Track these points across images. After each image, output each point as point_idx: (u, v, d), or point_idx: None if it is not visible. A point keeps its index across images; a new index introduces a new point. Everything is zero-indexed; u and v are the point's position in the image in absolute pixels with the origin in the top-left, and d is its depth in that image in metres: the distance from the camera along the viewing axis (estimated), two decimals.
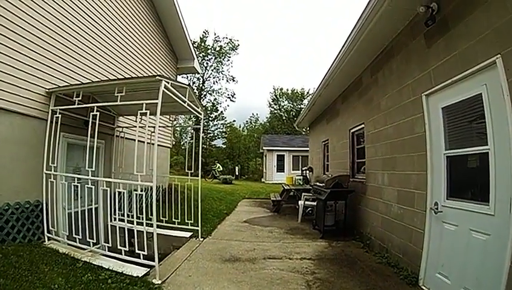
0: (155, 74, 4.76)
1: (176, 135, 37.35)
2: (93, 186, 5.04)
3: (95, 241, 5.02)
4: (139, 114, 4.72)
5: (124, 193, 5.23)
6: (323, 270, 4.76)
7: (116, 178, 6.98)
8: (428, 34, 4.20)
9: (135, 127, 5.47)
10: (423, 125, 4.27)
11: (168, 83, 4.81)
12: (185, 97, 5.57)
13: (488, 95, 3.16)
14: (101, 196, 5.19)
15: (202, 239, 6.47)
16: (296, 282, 4.31)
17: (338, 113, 9.23)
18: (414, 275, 4.22)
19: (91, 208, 5.32)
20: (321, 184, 7.85)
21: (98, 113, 4.93)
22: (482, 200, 3.20)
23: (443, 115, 3.91)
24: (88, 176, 4.93)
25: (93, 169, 4.99)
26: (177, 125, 14.09)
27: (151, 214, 6.72)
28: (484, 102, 3.20)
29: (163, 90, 4.61)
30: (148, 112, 4.56)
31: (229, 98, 43.17)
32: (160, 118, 8.51)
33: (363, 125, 6.91)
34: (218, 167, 27.26)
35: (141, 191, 4.68)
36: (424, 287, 4.00)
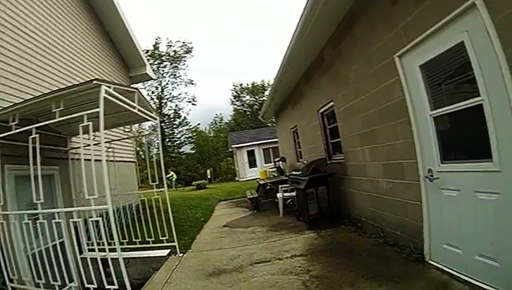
0: (92, 79, 4.12)
1: (143, 148, 36.17)
2: (45, 221, 4.29)
3: (60, 283, 4.32)
4: (81, 129, 4.02)
5: (92, 221, 4.49)
6: (318, 266, 4.30)
7: (78, 205, 6.25)
8: None
9: (89, 145, 4.80)
10: (401, 89, 3.90)
11: (109, 87, 4.18)
12: (135, 102, 4.96)
13: (472, 41, 2.81)
14: (63, 228, 4.49)
15: (182, 254, 5.88)
16: (291, 286, 3.82)
17: (303, 96, 8.84)
18: (418, 251, 3.86)
19: (56, 244, 4.59)
20: (297, 172, 7.46)
21: (37, 135, 4.19)
22: (484, 157, 2.85)
23: (422, 74, 3.55)
24: (46, 209, 4.24)
25: (42, 200, 4.24)
26: (136, 135, 13.30)
27: (123, 238, 6.16)
28: (468, 50, 2.86)
29: (104, 97, 3.98)
30: (90, 124, 3.91)
31: (190, 101, 42.97)
32: (115, 131, 7.96)
33: (332, 103, 6.54)
34: (172, 176, 26.20)
35: (97, 216, 4.02)
36: (432, 262, 3.64)
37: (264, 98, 42.47)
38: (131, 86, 7.98)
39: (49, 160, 5.61)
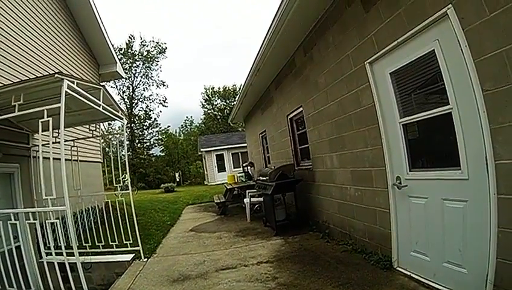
0: (54, 72, 3.87)
1: (113, 149, 35.26)
2: (0, 222, 4.00)
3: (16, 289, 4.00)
4: (40, 125, 3.76)
5: (50, 223, 4.17)
6: (285, 273, 4.20)
7: (40, 206, 5.85)
8: None
9: (53, 143, 4.50)
10: (371, 95, 3.90)
11: (73, 82, 3.94)
12: (100, 100, 4.71)
13: (442, 50, 2.84)
14: (19, 231, 4.18)
15: (146, 259, 5.62)
16: None
17: (272, 101, 8.80)
18: (386, 258, 3.85)
19: (12, 248, 4.23)
20: (265, 178, 7.35)
21: None
22: (452, 165, 2.88)
23: (392, 81, 3.56)
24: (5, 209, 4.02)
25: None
26: (101, 135, 12.77)
27: (86, 242, 5.81)
28: (439, 58, 2.89)
29: (67, 92, 3.76)
30: (50, 119, 3.66)
31: (161, 103, 42.56)
32: (80, 129, 7.55)
33: (301, 108, 6.50)
34: (127, 179, 25.52)
35: (57, 218, 3.76)
36: (400, 269, 3.64)
37: (235, 103, 42.64)
38: (100, 83, 7.67)
39: (9, 157, 5.27)
